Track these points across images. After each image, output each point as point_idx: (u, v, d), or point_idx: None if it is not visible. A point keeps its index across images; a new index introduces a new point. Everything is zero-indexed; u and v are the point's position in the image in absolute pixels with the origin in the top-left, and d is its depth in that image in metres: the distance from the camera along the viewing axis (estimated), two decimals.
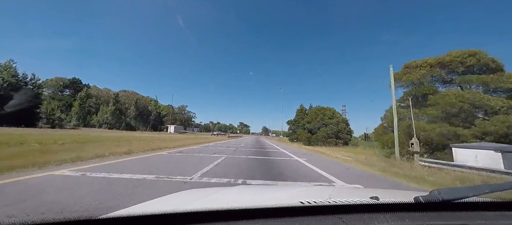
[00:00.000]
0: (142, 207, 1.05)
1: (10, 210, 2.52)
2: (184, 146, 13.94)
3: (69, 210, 2.62)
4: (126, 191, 3.53)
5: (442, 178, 6.64)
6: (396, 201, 0.92)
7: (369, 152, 19.38)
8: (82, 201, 2.95)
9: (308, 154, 13.82)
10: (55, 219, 0.64)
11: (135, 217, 0.75)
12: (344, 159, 11.49)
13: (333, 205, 0.91)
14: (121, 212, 0.78)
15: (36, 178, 4.02)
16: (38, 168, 4.78)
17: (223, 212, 0.82)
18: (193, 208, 0.79)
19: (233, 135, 73.34)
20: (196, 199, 1.32)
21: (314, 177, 5.95)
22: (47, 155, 6.37)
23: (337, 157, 12.64)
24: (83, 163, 5.84)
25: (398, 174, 7.05)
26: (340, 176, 6.08)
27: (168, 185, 4.11)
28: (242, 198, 1.38)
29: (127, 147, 10.08)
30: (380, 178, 6.35)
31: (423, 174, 7.13)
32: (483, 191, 0.91)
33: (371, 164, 9.44)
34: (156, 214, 0.75)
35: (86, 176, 4.39)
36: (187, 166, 6.42)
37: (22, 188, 3.38)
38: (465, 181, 6.45)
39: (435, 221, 0.83)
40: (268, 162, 8.55)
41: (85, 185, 3.74)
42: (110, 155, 7.47)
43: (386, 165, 9.24)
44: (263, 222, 0.79)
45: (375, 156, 14.80)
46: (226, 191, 1.55)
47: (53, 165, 5.19)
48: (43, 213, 2.50)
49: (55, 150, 8.48)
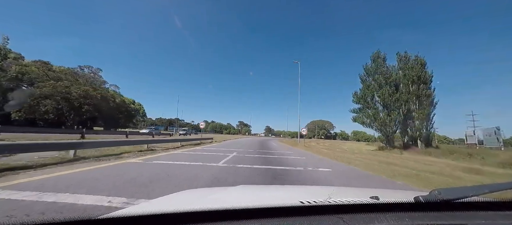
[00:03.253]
0: (142, 207, 1.05)
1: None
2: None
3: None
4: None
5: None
6: (396, 201, 0.92)
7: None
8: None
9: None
10: (55, 219, 0.64)
11: (135, 217, 0.74)
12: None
13: (333, 205, 0.91)
14: (121, 212, 0.78)
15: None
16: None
17: (224, 212, 0.82)
18: (194, 208, 0.79)
19: (225, 136, 49.04)
20: (196, 199, 1.32)
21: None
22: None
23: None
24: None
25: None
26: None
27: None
28: (242, 198, 1.38)
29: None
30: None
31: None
32: (483, 191, 0.91)
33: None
34: (156, 214, 0.75)
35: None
36: None
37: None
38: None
39: (435, 221, 0.83)
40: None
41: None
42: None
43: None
44: (263, 222, 0.79)
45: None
46: (227, 191, 1.55)
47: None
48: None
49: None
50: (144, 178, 4.54)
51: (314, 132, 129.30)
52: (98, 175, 4.72)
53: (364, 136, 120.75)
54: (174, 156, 9.07)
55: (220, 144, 19.48)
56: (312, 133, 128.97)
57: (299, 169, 7.13)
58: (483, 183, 7.36)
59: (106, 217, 0.71)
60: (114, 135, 25.89)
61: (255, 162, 8.38)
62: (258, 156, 10.53)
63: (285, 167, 7.28)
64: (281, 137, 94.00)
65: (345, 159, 11.02)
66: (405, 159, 12.74)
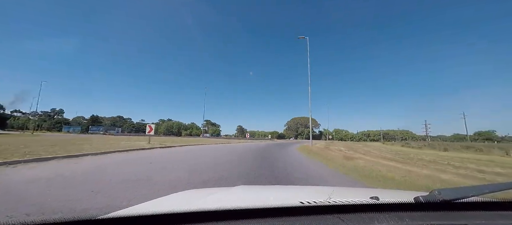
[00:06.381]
0: (142, 207, 1.05)
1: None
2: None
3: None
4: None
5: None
6: (396, 201, 0.91)
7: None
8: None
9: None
10: (55, 219, 0.64)
11: (135, 217, 0.75)
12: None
13: (333, 205, 0.91)
14: (121, 212, 0.78)
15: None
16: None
17: (224, 212, 0.82)
18: (194, 208, 0.79)
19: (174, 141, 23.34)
20: (196, 199, 1.32)
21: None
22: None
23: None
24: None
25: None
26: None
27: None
28: (242, 198, 1.38)
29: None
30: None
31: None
32: (483, 191, 0.91)
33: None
34: (156, 214, 0.75)
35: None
36: None
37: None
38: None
39: (435, 221, 0.83)
40: None
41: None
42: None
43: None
44: (263, 222, 0.79)
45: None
46: (226, 191, 1.55)
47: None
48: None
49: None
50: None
51: (296, 131, 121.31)
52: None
53: (347, 134, 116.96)
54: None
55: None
56: (294, 132, 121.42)
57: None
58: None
59: (106, 217, 0.71)
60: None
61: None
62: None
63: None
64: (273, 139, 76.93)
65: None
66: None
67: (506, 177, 8.14)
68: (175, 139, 30.73)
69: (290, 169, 7.15)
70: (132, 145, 12.92)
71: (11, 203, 2.90)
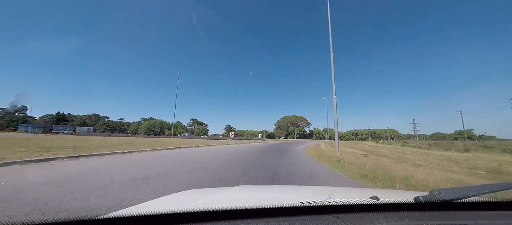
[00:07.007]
0: (143, 207, 1.05)
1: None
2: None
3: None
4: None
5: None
6: (396, 201, 0.92)
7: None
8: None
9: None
10: (55, 219, 0.64)
11: (135, 217, 0.75)
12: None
13: (333, 205, 0.91)
14: (121, 212, 0.78)
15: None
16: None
17: (224, 212, 0.82)
18: (194, 208, 0.80)
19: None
20: (196, 199, 1.31)
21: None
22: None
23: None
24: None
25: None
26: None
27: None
28: (242, 198, 1.38)
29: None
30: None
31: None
32: (483, 191, 0.92)
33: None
34: (156, 214, 0.75)
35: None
36: None
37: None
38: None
39: (435, 221, 0.83)
40: None
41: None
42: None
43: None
44: (263, 222, 0.79)
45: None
46: (227, 191, 1.55)
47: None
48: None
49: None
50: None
51: (286, 130, 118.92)
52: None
53: (339, 134, 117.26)
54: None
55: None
56: (284, 131, 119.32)
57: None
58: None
59: (106, 217, 0.71)
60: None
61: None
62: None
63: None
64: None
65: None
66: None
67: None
68: (113, 141, 17.71)
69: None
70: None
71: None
